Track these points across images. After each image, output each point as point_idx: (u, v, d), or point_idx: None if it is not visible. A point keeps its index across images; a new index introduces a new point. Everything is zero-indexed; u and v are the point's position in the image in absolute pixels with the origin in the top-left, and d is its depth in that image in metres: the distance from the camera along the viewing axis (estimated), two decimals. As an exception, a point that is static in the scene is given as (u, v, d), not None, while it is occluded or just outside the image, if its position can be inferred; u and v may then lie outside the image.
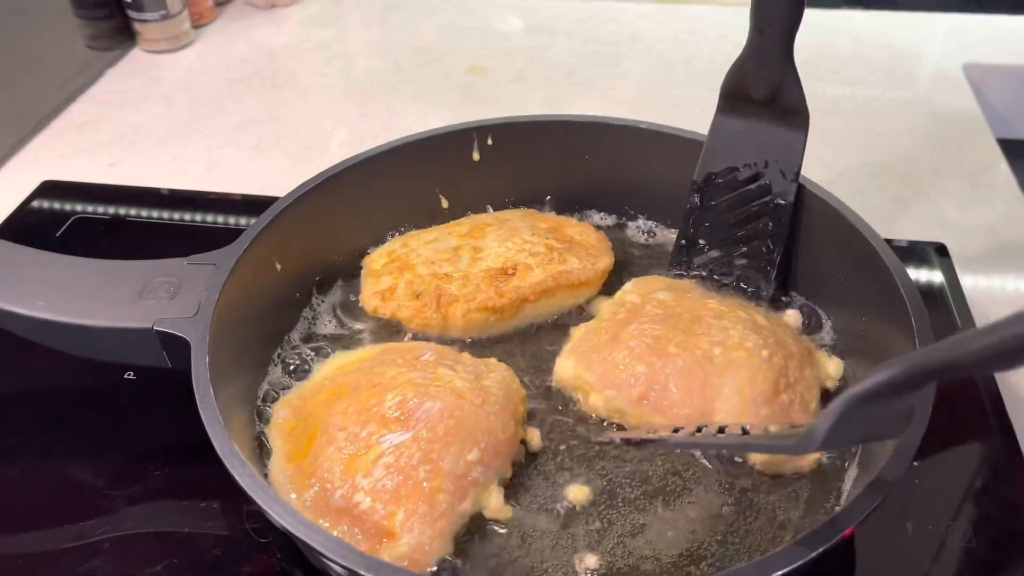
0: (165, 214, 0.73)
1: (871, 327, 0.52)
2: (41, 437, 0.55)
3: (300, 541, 0.38)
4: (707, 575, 0.43)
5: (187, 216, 0.72)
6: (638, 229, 0.65)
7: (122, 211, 0.73)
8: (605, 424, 0.51)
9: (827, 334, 0.55)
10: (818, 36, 0.99)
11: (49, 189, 0.76)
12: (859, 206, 0.53)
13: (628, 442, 0.48)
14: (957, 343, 0.29)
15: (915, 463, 0.50)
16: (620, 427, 0.50)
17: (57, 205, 0.74)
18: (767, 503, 0.46)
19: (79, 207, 0.73)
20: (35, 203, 0.74)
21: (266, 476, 0.47)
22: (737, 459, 0.48)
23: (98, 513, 0.50)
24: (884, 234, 0.53)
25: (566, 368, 0.52)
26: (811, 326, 0.56)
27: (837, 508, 0.45)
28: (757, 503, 0.46)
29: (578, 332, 0.54)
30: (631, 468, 0.48)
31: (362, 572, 0.36)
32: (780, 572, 0.36)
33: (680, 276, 0.59)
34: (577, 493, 0.47)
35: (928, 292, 0.62)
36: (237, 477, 0.40)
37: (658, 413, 0.49)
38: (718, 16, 1.04)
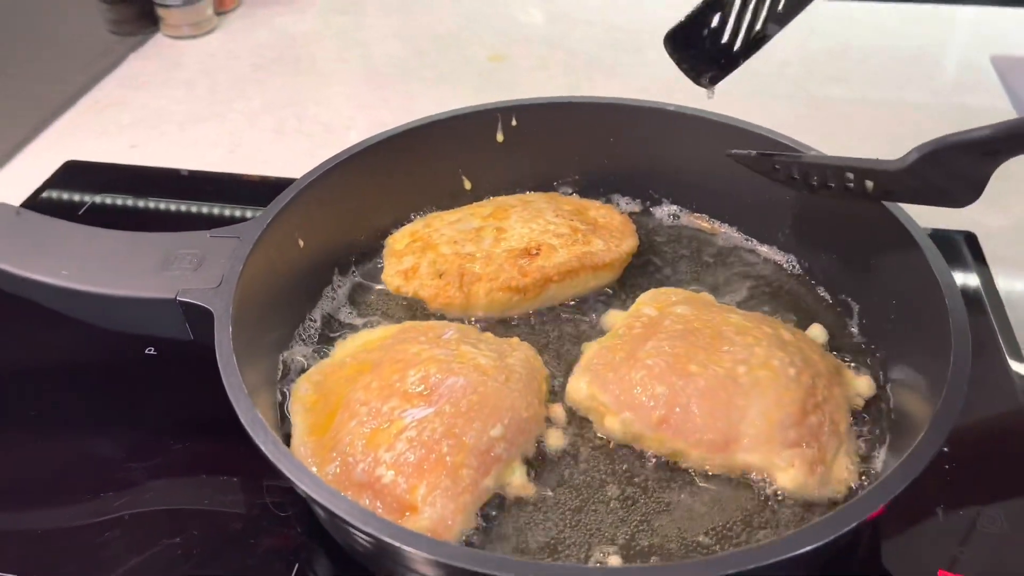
0: (186, 195, 0.73)
1: (902, 319, 0.50)
2: (64, 411, 0.55)
3: (323, 511, 0.38)
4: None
5: (208, 197, 0.72)
6: (664, 213, 0.65)
7: (143, 191, 0.73)
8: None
9: (856, 327, 0.55)
10: (843, 29, 0.99)
11: (72, 169, 0.77)
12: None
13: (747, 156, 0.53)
14: None
15: (945, 448, 0.50)
16: (639, 453, 0.48)
17: (79, 185, 0.74)
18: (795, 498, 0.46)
19: (101, 187, 0.74)
20: (58, 183, 0.75)
21: (287, 449, 0.46)
22: (767, 484, 0.46)
23: (119, 487, 0.50)
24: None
25: (580, 388, 0.50)
26: (840, 319, 0.55)
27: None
28: (784, 497, 0.46)
29: (591, 348, 0.52)
30: (655, 458, 0.48)
31: (386, 539, 0.36)
32: (809, 547, 0.35)
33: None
34: (599, 473, 0.47)
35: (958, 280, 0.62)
36: (260, 444, 0.40)
37: (680, 438, 0.47)
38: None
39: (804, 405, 0.47)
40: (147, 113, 0.86)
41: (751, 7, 0.54)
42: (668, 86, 0.74)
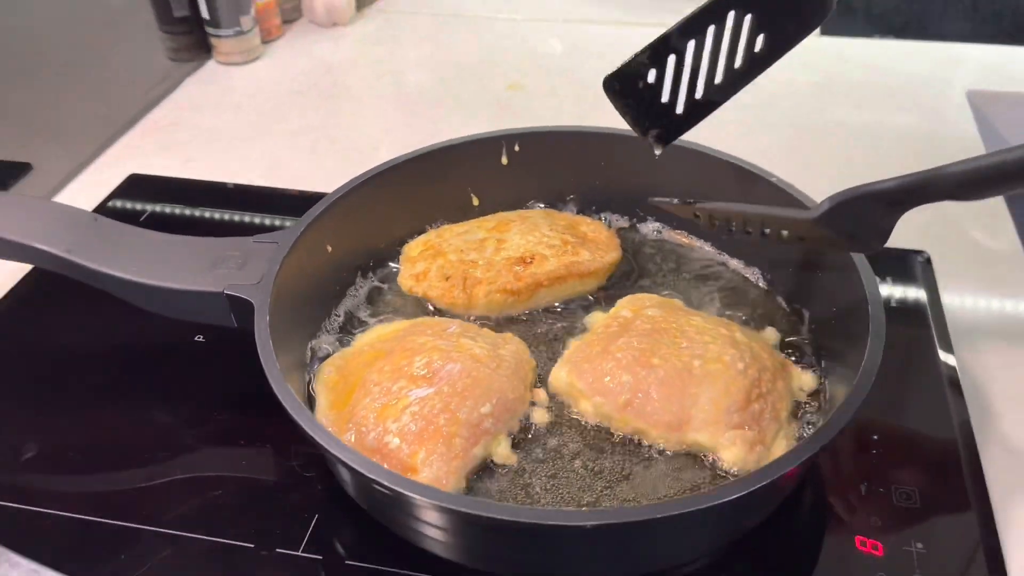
0: (232, 205, 0.83)
1: (841, 324, 0.57)
2: (128, 386, 0.64)
3: (343, 467, 0.46)
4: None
5: (251, 208, 0.82)
6: (649, 229, 0.73)
7: (195, 202, 0.83)
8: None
9: (806, 335, 0.62)
10: (832, 63, 1.06)
11: (135, 181, 0.86)
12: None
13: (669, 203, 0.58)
14: (938, 172, 0.40)
15: (875, 436, 0.57)
16: (608, 432, 0.56)
17: (141, 195, 0.84)
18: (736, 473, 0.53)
19: (160, 197, 0.83)
20: (123, 193, 0.84)
21: (312, 419, 0.55)
22: (713, 461, 0.53)
23: (172, 450, 0.59)
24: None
25: (560, 376, 0.58)
26: (794, 324, 0.63)
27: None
28: (727, 472, 0.53)
29: (573, 343, 0.61)
30: (622, 435, 0.55)
31: (395, 487, 0.43)
32: (738, 494, 0.42)
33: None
34: (573, 447, 0.55)
35: (907, 296, 0.69)
36: (292, 413, 0.48)
37: (641, 419, 0.54)
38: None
39: (748, 394, 0.54)
40: (200, 132, 0.96)
41: (687, 69, 0.55)
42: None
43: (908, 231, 0.75)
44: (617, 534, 0.43)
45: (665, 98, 0.57)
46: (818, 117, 0.96)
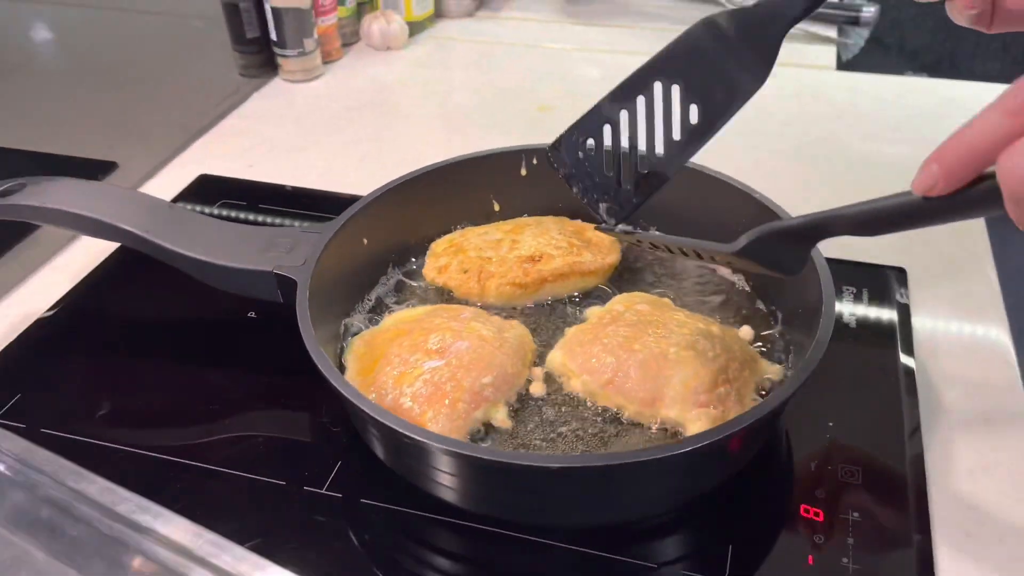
0: (287, 204, 0.93)
1: (804, 323, 0.63)
2: (189, 352, 0.74)
3: (366, 419, 0.55)
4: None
5: (303, 207, 0.93)
6: (650, 238, 0.81)
7: (255, 200, 0.94)
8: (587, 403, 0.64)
9: (777, 331, 0.70)
10: (844, 95, 1.13)
11: (203, 181, 0.97)
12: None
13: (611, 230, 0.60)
14: (839, 212, 0.45)
15: (831, 423, 0.65)
16: (594, 407, 0.63)
17: (209, 193, 0.96)
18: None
19: (225, 195, 0.94)
20: (193, 190, 0.96)
21: (340, 381, 0.65)
22: (681, 433, 0.60)
23: (220, 407, 0.68)
24: (857, 258, 0.68)
25: (556, 357, 0.66)
26: (768, 323, 0.71)
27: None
28: None
29: (570, 331, 0.68)
30: (601, 408, 0.64)
31: (408, 433, 0.52)
32: (681, 451, 0.50)
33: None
34: (561, 417, 0.64)
35: (881, 303, 0.76)
36: (325, 374, 0.55)
37: (620, 395, 0.62)
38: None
39: (716, 379, 0.62)
40: (262, 140, 1.07)
41: (626, 139, 0.55)
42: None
43: (890, 248, 0.83)
44: (580, 478, 0.52)
45: (609, 171, 0.58)
46: (822, 146, 1.03)
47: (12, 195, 0.70)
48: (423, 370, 0.63)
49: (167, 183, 0.98)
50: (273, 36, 1.17)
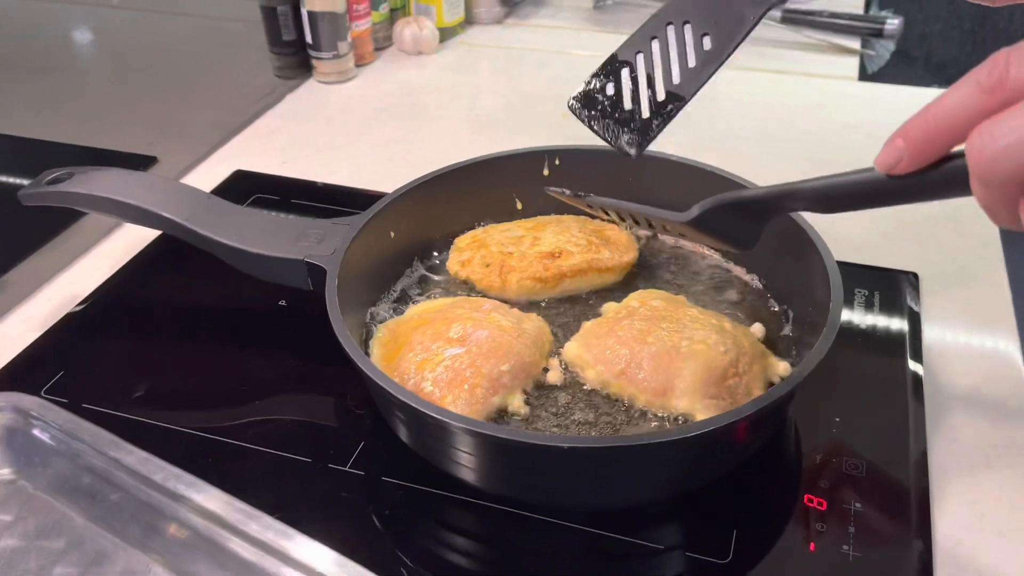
0: (317, 199, 0.97)
1: (815, 323, 0.66)
2: (222, 337, 0.78)
3: (390, 401, 0.58)
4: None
5: (333, 202, 0.96)
6: (668, 239, 0.83)
7: (287, 195, 0.97)
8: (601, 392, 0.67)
9: (788, 330, 0.72)
10: (863, 106, 1.15)
11: (239, 176, 1.01)
12: (854, 238, 0.68)
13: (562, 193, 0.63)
14: (796, 185, 0.45)
15: (837, 418, 0.67)
16: (608, 397, 0.66)
17: (244, 188, 0.99)
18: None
19: (258, 190, 0.98)
20: (229, 185, 1.00)
21: (365, 366, 0.68)
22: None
23: (250, 389, 0.71)
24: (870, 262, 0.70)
25: (572, 348, 0.69)
26: (780, 321, 0.73)
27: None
28: None
29: (587, 324, 0.71)
30: (613, 398, 0.66)
31: (428, 413, 0.55)
32: (687, 435, 0.53)
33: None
34: (575, 405, 0.66)
35: (892, 308, 0.78)
36: (353, 358, 0.58)
37: (633, 385, 0.64)
38: (777, 82, 1.22)
39: (725, 372, 0.64)
40: (296, 139, 1.11)
41: (643, 76, 0.58)
42: (702, 144, 0.93)
43: (903, 253, 0.85)
44: (590, 458, 0.54)
45: (628, 105, 0.61)
46: (839, 155, 1.05)
47: (61, 183, 0.74)
48: (444, 357, 0.66)
49: (204, 177, 1.02)
50: (308, 39, 1.21)
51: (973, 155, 0.36)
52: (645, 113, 0.62)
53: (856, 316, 0.77)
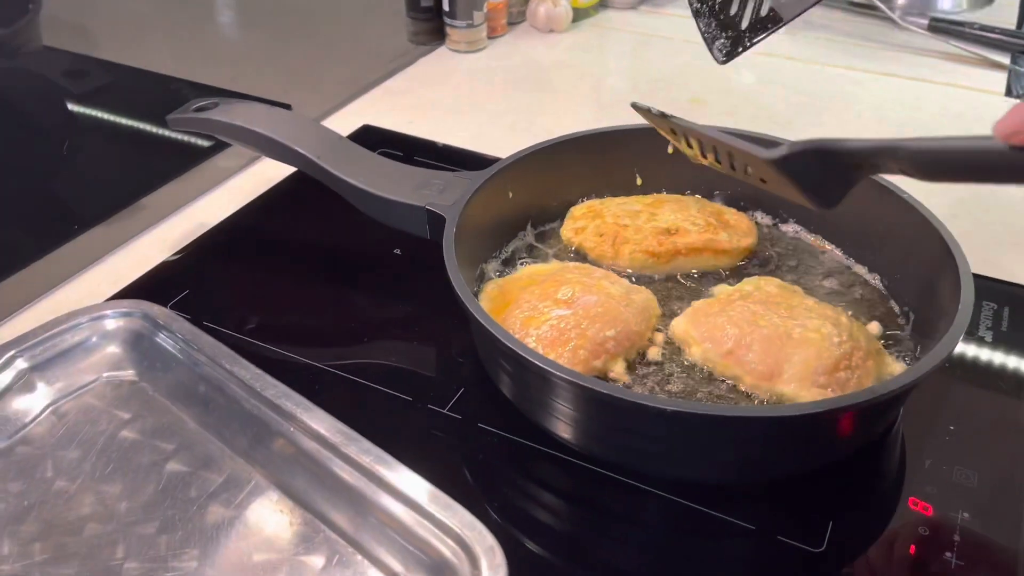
0: (438, 159, 0.99)
1: (942, 329, 0.64)
2: (341, 277, 0.81)
3: (487, 345, 0.59)
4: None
5: (453, 162, 0.98)
6: (789, 229, 0.81)
7: (411, 152, 1.00)
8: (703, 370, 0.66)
9: (908, 333, 0.69)
10: (890, 102, 1.12)
11: (366, 130, 1.05)
12: (971, 239, 0.66)
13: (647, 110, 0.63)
14: (900, 142, 0.41)
15: (952, 427, 0.64)
16: (711, 375, 0.65)
17: (370, 141, 1.02)
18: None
19: (384, 144, 1.01)
20: (357, 137, 1.03)
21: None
22: None
23: (362, 329, 0.74)
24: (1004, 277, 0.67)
25: (679, 324, 0.68)
26: (899, 323, 0.70)
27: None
28: None
29: (697, 303, 0.70)
30: (716, 377, 0.65)
31: (527, 357, 0.56)
32: (791, 413, 0.52)
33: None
34: (675, 379, 0.66)
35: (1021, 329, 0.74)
36: (466, 304, 0.60)
37: (739, 366, 0.63)
38: (919, 90, 1.17)
39: (838, 364, 0.62)
40: (423, 101, 1.14)
41: None
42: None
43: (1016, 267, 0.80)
44: (691, 425, 0.54)
45: (735, 9, 0.65)
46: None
47: (207, 111, 0.78)
48: (551, 316, 0.66)
49: (334, 127, 1.04)
50: (446, 7, 1.24)
51: None
52: (744, 23, 0.66)
53: (981, 329, 0.73)
